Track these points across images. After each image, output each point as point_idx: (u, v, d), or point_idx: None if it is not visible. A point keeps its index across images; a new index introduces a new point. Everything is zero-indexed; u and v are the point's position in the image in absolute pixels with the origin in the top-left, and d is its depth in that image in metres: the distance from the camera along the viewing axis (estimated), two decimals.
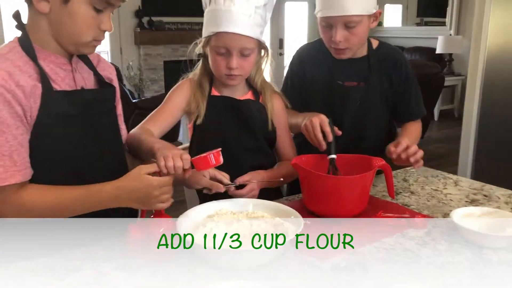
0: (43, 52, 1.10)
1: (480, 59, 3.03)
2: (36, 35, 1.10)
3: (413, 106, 1.65)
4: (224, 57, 1.34)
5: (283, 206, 1.21)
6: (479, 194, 1.49)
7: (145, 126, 1.36)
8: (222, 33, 1.30)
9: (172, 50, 7.09)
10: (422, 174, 1.70)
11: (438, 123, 6.56)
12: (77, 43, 1.11)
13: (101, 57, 1.33)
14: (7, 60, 1.05)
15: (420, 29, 7.66)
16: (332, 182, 1.28)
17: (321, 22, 1.47)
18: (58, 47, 1.12)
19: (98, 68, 1.27)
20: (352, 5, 1.38)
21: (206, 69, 1.45)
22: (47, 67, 1.11)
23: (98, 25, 1.10)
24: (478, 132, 3.14)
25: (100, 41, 1.15)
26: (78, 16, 1.06)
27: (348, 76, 1.55)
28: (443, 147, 5.31)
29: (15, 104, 1.03)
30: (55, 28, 1.09)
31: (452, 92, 6.96)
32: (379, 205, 1.38)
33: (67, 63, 1.15)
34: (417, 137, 1.66)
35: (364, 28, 1.45)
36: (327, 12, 1.42)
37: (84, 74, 1.20)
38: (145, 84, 6.45)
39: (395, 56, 1.61)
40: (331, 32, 1.45)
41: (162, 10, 7.12)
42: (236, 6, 1.27)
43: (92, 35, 1.11)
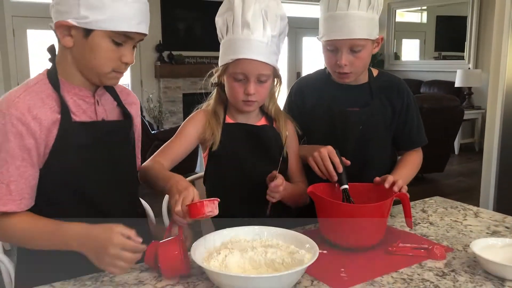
0: (68, 85, 1.15)
1: (499, 93, 3.01)
2: (63, 68, 1.15)
3: (414, 134, 1.62)
4: (241, 84, 1.37)
5: (298, 234, 1.20)
6: (501, 225, 1.46)
7: (156, 159, 1.38)
8: (241, 60, 1.33)
9: (191, 83, 7.23)
10: (441, 205, 1.67)
11: (459, 157, 6.48)
12: (99, 75, 1.15)
13: (131, 92, 1.38)
14: (32, 93, 1.10)
15: (438, 62, 7.67)
16: (349, 210, 1.26)
17: (326, 46, 1.49)
18: (82, 79, 1.16)
19: (125, 102, 1.30)
20: (358, 29, 1.41)
21: (221, 98, 1.48)
22: (71, 99, 1.15)
23: (119, 58, 1.13)
24: (499, 166, 3.09)
25: (122, 73, 1.18)
26: (99, 50, 1.10)
27: (350, 102, 1.55)
28: (465, 181, 5.22)
29: (27, 136, 1.07)
30: (78, 61, 1.13)
31: (472, 125, 6.89)
32: (397, 235, 1.36)
33: (91, 96, 1.19)
34: (415, 167, 1.61)
35: (368, 52, 1.47)
36: (334, 35, 1.44)
37: (107, 106, 1.23)
38: (164, 116, 6.55)
39: (396, 83, 1.61)
40: (336, 57, 1.47)
41: (182, 44, 7.30)
42: (254, 34, 1.32)
43: (113, 67, 1.14)
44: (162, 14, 7.10)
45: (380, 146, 1.59)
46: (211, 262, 1.08)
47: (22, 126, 1.06)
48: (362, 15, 1.41)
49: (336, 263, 1.18)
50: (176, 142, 1.44)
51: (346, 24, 1.41)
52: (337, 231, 1.27)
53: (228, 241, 1.18)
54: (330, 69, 1.54)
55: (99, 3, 1.05)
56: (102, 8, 1.06)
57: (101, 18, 1.06)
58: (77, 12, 1.06)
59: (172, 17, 7.21)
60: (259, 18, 1.33)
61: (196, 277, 1.12)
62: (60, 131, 1.10)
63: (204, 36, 7.45)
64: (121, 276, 1.13)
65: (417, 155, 1.64)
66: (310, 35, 8.49)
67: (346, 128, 1.54)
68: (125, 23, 1.08)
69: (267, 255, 1.11)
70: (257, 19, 1.32)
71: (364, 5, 1.41)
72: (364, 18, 1.42)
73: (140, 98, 5.84)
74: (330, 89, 1.58)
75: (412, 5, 7.94)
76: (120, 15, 1.07)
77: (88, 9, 1.05)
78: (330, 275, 1.12)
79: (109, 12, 1.06)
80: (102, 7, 1.05)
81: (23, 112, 1.06)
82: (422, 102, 4.70)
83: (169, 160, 1.39)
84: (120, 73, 1.18)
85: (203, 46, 7.33)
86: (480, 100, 6.54)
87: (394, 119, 1.58)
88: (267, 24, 1.34)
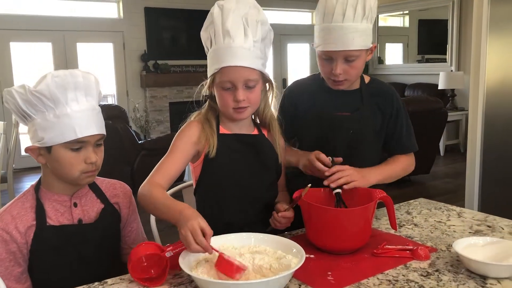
0: (48, 193, 1.33)
1: (480, 94, 3.07)
2: (45, 180, 1.34)
3: (404, 140, 1.64)
4: (230, 92, 1.36)
5: (285, 240, 1.22)
6: (483, 225, 1.49)
7: (155, 180, 1.34)
8: (226, 68, 1.34)
9: (177, 91, 7.23)
10: (425, 207, 1.70)
11: (444, 159, 6.56)
12: (71, 180, 1.31)
13: (117, 183, 1.47)
14: (18, 204, 1.31)
15: (421, 66, 7.78)
16: (333, 214, 1.29)
17: (321, 55, 1.52)
18: (61, 187, 1.33)
19: (112, 195, 1.42)
20: (353, 41, 1.44)
21: (213, 109, 1.46)
22: (50, 205, 1.32)
23: (83, 161, 1.29)
24: (483, 166, 3.14)
25: (92, 171, 1.32)
26: (62, 160, 1.28)
27: (341, 107, 1.58)
28: (450, 182, 5.28)
29: (11, 242, 1.26)
30: (54, 172, 1.31)
31: (456, 127, 6.99)
32: (382, 238, 1.38)
33: (68, 200, 1.35)
34: (400, 167, 1.63)
35: (362, 61, 1.51)
36: (329, 46, 1.47)
37: (86, 206, 1.37)
38: (151, 125, 6.54)
39: (387, 90, 1.65)
40: (331, 65, 1.50)
41: (167, 53, 7.32)
42: (235, 42, 1.32)
43: (80, 170, 1.29)
44: (146, 23, 7.11)
45: (370, 151, 1.61)
46: (199, 269, 1.10)
47: (6, 234, 1.26)
48: (357, 27, 1.44)
49: (323, 267, 1.20)
50: (172, 158, 1.39)
51: (341, 36, 1.44)
52: (323, 236, 1.29)
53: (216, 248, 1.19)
54: (325, 76, 1.57)
55: (48, 124, 1.24)
56: (51, 127, 1.24)
57: (53, 135, 1.25)
58: (37, 136, 1.26)
59: (157, 27, 7.22)
60: (240, 25, 1.33)
61: (185, 285, 1.13)
62: (35, 234, 1.28)
63: (189, 45, 7.47)
64: (110, 287, 1.13)
65: (406, 158, 1.66)
66: (294, 41, 8.57)
67: (337, 133, 1.57)
68: (73, 133, 1.25)
69: (255, 261, 1.13)
70: (237, 27, 1.33)
71: (359, 17, 1.44)
72: (359, 30, 1.45)
73: (126, 108, 5.84)
74: (323, 94, 1.61)
75: (395, 9, 8.04)
76: (67, 127, 1.24)
77: (42, 131, 1.25)
78: (317, 279, 1.14)
79: (57, 128, 1.24)
80: (51, 126, 1.24)
81: (7, 223, 1.27)
82: (406, 105, 4.70)
83: (167, 178, 1.36)
84: (91, 172, 1.31)
85: (189, 54, 7.35)
86: (463, 102, 6.64)
87: (384, 125, 1.61)
88: (248, 30, 1.34)
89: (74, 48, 6.75)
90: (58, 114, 1.24)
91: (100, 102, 1.37)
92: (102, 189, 1.41)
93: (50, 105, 1.24)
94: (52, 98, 1.23)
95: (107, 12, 7.04)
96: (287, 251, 1.16)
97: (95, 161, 1.30)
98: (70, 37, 6.68)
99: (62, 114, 1.24)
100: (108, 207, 1.40)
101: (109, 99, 7.14)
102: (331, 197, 1.39)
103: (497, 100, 2.96)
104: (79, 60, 6.80)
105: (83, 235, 1.32)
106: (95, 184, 1.40)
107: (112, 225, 1.41)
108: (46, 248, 1.28)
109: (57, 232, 1.30)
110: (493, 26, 2.90)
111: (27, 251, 1.28)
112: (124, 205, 1.44)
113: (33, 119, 1.26)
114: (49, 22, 6.49)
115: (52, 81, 1.22)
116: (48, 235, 1.29)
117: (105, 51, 7.03)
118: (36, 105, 1.24)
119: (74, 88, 1.25)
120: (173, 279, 1.16)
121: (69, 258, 1.31)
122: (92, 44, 6.95)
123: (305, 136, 1.63)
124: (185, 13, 7.39)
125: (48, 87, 1.22)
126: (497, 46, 2.90)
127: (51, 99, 1.23)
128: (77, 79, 1.26)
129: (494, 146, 3.04)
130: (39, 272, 1.30)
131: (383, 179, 1.53)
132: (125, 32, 6.98)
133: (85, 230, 1.33)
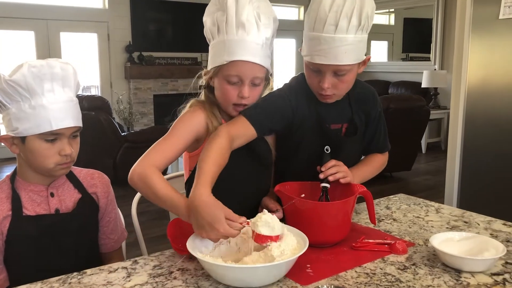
0: (24, 183, 1.32)
1: (461, 93, 3.11)
2: (20, 170, 1.33)
3: (382, 141, 1.61)
4: (235, 87, 1.32)
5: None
6: (460, 220, 1.52)
7: (152, 162, 1.25)
8: (237, 62, 1.28)
9: (162, 84, 7.19)
10: (404, 202, 1.72)
11: (426, 156, 6.65)
12: (45, 171, 1.30)
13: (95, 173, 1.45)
14: None
15: (406, 64, 7.86)
16: (314, 208, 1.30)
17: (309, 66, 1.39)
18: (37, 177, 1.32)
19: (89, 185, 1.41)
20: (345, 55, 1.31)
21: (210, 100, 1.41)
22: (26, 195, 1.31)
23: (57, 152, 1.27)
24: (462, 163, 3.19)
25: (67, 163, 1.30)
26: (36, 151, 1.26)
27: (334, 118, 1.49)
28: (431, 179, 5.36)
29: None
30: (27, 163, 1.30)
31: (438, 125, 7.09)
32: (361, 232, 1.40)
33: (44, 190, 1.33)
34: (376, 167, 1.60)
35: (353, 75, 1.39)
36: (318, 59, 1.33)
37: (64, 196, 1.36)
38: (135, 117, 6.49)
39: (371, 93, 1.58)
40: (318, 78, 1.37)
41: (152, 45, 7.26)
42: (249, 36, 1.28)
43: (54, 162, 1.28)
44: (131, 14, 7.04)
45: (355, 155, 1.58)
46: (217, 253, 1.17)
47: None
48: (350, 40, 1.29)
49: (302, 260, 1.21)
50: (172, 142, 1.31)
51: (332, 49, 1.30)
52: (303, 229, 1.30)
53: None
54: (312, 88, 1.44)
55: (23, 114, 1.22)
56: (26, 118, 1.23)
57: (27, 126, 1.23)
58: (11, 125, 1.25)
59: (142, 18, 7.16)
60: (253, 18, 1.28)
61: (165, 276, 1.13)
62: (11, 224, 1.27)
63: (175, 37, 7.43)
64: (89, 277, 1.13)
65: (382, 157, 1.64)
66: (280, 36, 8.56)
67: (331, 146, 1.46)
68: (48, 124, 1.23)
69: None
70: (251, 20, 1.28)
71: (353, 28, 1.29)
72: (352, 43, 1.30)
73: (109, 100, 5.78)
74: (317, 102, 1.47)
75: (380, 7, 8.09)
76: (42, 119, 1.23)
77: (17, 121, 1.23)
78: (296, 271, 1.15)
79: (32, 119, 1.22)
80: (26, 117, 1.22)
81: None
82: (389, 103, 4.81)
83: (164, 163, 1.28)
84: (65, 164, 1.30)
85: (174, 47, 7.31)
86: (445, 100, 6.73)
87: (367, 128, 1.57)
88: (261, 26, 1.30)
89: (57, 37, 6.66)
90: (33, 105, 1.22)
91: (78, 93, 1.35)
92: (80, 179, 1.40)
93: (25, 95, 1.22)
94: (27, 88, 1.21)
95: (92, 2, 6.95)
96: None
97: (70, 153, 1.29)
98: (53, 26, 6.59)
99: (38, 105, 1.22)
100: (86, 197, 1.39)
101: (93, 90, 7.07)
102: (302, 190, 1.37)
103: (477, 99, 3.01)
104: (62, 50, 6.71)
105: (60, 225, 1.32)
106: (72, 174, 1.39)
107: (89, 215, 1.40)
108: (22, 238, 1.28)
109: (34, 222, 1.29)
110: (475, 26, 2.94)
111: (3, 242, 1.28)
112: (102, 195, 1.43)
113: (7, 108, 1.25)
114: (32, 10, 6.38)
115: (29, 71, 1.20)
116: (24, 225, 1.28)
117: (89, 41, 6.95)
118: (11, 95, 1.22)
119: (51, 79, 1.24)
120: (153, 270, 1.16)
121: (46, 249, 1.30)
122: (76, 34, 6.86)
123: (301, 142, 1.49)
124: (171, 5, 7.34)
125: (24, 77, 1.20)
126: (479, 46, 2.95)
127: (27, 89, 1.21)
128: (54, 69, 1.24)
129: (473, 144, 3.09)
130: (15, 263, 1.29)
131: (362, 180, 1.50)
132: (110, 23, 6.90)
133: (62, 220, 1.33)
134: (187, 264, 1.20)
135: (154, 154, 1.27)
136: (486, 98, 2.95)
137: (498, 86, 2.87)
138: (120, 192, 1.35)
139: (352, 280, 1.11)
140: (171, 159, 1.30)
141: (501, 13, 2.77)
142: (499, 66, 2.84)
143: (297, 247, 1.15)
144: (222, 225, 1.08)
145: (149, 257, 1.25)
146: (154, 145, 1.30)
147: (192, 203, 1.12)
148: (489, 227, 1.46)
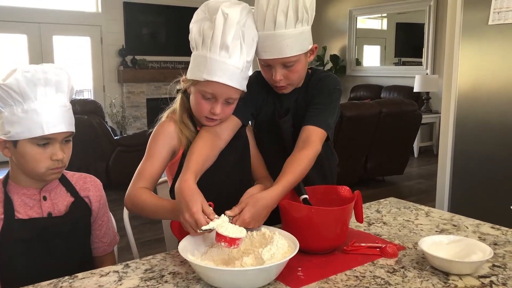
0: (16, 187, 1.32)
1: (452, 97, 3.14)
2: (13, 174, 1.33)
3: (318, 114, 1.46)
4: (209, 102, 1.36)
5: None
6: (449, 224, 1.54)
7: (138, 186, 1.35)
8: (214, 82, 1.31)
9: (155, 88, 7.19)
10: (395, 206, 1.74)
11: (418, 160, 6.69)
12: (36, 176, 1.30)
13: (87, 177, 1.46)
14: None
15: (398, 68, 7.91)
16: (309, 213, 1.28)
17: (261, 62, 1.48)
18: (29, 180, 1.32)
19: (81, 189, 1.41)
20: (288, 48, 1.38)
21: (185, 105, 1.45)
22: (19, 199, 1.31)
23: (49, 157, 1.27)
24: (453, 167, 3.22)
25: (59, 168, 1.31)
26: (27, 155, 1.26)
27: (285, 110, 1.54)
28: (423, 183, 5.40)
29: None
30: (19, 167, 1.30)
31: (430, 129, 7.13)
32: (353, 235, 1.41)
33: (37, 194, 1.34)
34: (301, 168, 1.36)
35: (302, 64, 1.46)
36: (264, 55, 1.42)
37: (56, 200, 1.36)
38: (128, 121, 6.49)
39: (322, 76, 1.55)
40: (271, 72, 1.46)
41: (145, 49, 7.27)
42: (231, 59, 1.30)
43: (45, 167, 1.28)
44: (125, 18, 7.05)
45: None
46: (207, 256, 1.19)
47: None
48: (290, 33, 1.37)
49: (293, 263, 1.22)
50: (151, 162, 1.39)
51: (275, 44, 1.38)
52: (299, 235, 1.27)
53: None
54: (268, 81, 1.51)
55: (15, 118, 1.23)
56: (18, 122, 1.23)
57: (19, 130, 1.23)
58: (3, 129, 1.25)
59: (135, 22, 7.17)
60: (238, 41, 1.31)
61: (156, 280, 1.14)
62: (3, 227, 1.27)
63: (168, 41, 7.44)
64: (81, 281, 1.13)
65: (306, 153, 1.39)
66: None
67: (282, 136, 1.54)
68: (40, 129, 1.23)
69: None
70: (236, 43, 1.30)
71: (291, 22, 1.36)
72: (293, 36, 1.38)
73: (102, 104, 5.78)
74: (273, 94, 1.55)
75: (373, 12, 8.16)
76: (34, 123, 1.23)
77: (9, 125, 1.23)
78: (288, 274, 1.16)
79: (24, 123, 1.23)
80: (19, 121, 1.23)
81: None
82: (382, 107, 4.84)
83: (150, 182, 1.38)
84: (57, 169, 1.30)
85: (167, 51, 7.32)
86: (437, 105, 6.78)
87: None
88: (244, 48, 1.32)
89: (50, 41, 6.65)
90: (26, 109, 1.22)
91: (71, 98, 1.35)
92: (72, 182, 1.41)
93: (18, 99, 1.22)
94: (21, 93, 1.22)
95: (85, 6, 6.95)
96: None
97: (62, 158, 1.29)
98: (46, 30, 6.58)
99: (31, 109, 1.23)
100: (78, 200, 1.39)
101: (86, 94, 7.06)
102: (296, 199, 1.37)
103: (468, 103, 3.04)
104: (55, 54, 6.70)
105: (52, 229, 1.32)
106: (65, 178, 1.40)
107: (82, 218, 1.40)
108: (14, 242, 1.28)
109: (26, 226, 1.29)
110: (465, 32, 2.97)
111: None
112: (94, 199, 1.43)
113: (0, 112, 1.25)
114: (25, 14, 6.37)
115: (22, 76, 1.21)
116: (16, 228, 1.28)
117: (82, 45, 6.94)
118: (4, 99, 1.22)
119: (44, 84, 1.24)
120: (144, 274, 1.17)
121: (38, 252, 1.30)
122: (69, 37, 6.85)
123: (260, 132, 1.59)
124: (165, 9, 7.35)
125: (17, 81, 1.21)
126: (469, 51, 2.98)
127: (20, 94, 1.22)
128: (47, 75, 1.24)
129: (464, 148, 3.12)
130: (6, 266, 1.29)
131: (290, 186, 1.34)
132: (103, 26, 6.90)
133: (55, 223, 1.33)
134: (178, 267, 1.20)
135: (138, 179, 1.37)
136: (477, 102, 2.98)
137: (488, 91, 2.90)
138: (112, 196, 1.36)
139: (342, 283, 1.12)
140: (156, 178, 1.40)
141: (490, 19, 2.80)
142: (489, 71, 2.88)
143: (288, 250, 1.16)
144: (197, 211, 1.15)
145: (141, 260, 1.26)
146: (137, 170, 1.39)
147: (177, 188, 1.22)
148: (477, 230, 1.48)
